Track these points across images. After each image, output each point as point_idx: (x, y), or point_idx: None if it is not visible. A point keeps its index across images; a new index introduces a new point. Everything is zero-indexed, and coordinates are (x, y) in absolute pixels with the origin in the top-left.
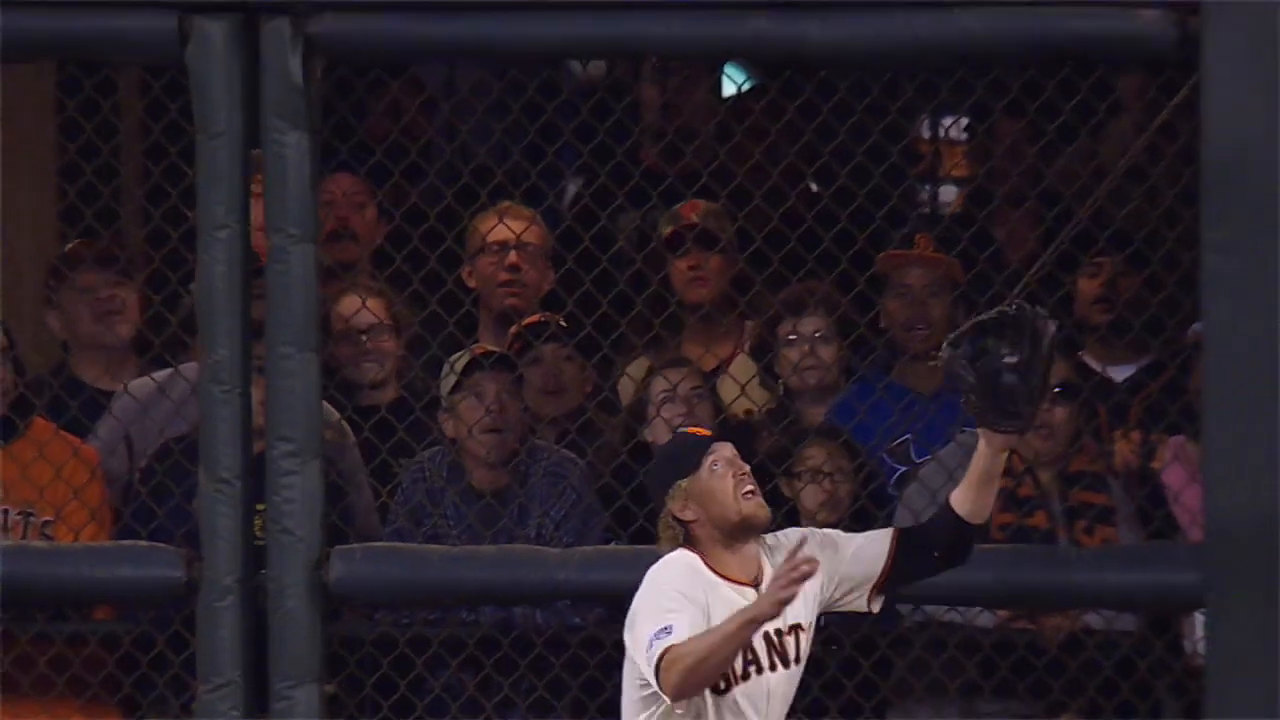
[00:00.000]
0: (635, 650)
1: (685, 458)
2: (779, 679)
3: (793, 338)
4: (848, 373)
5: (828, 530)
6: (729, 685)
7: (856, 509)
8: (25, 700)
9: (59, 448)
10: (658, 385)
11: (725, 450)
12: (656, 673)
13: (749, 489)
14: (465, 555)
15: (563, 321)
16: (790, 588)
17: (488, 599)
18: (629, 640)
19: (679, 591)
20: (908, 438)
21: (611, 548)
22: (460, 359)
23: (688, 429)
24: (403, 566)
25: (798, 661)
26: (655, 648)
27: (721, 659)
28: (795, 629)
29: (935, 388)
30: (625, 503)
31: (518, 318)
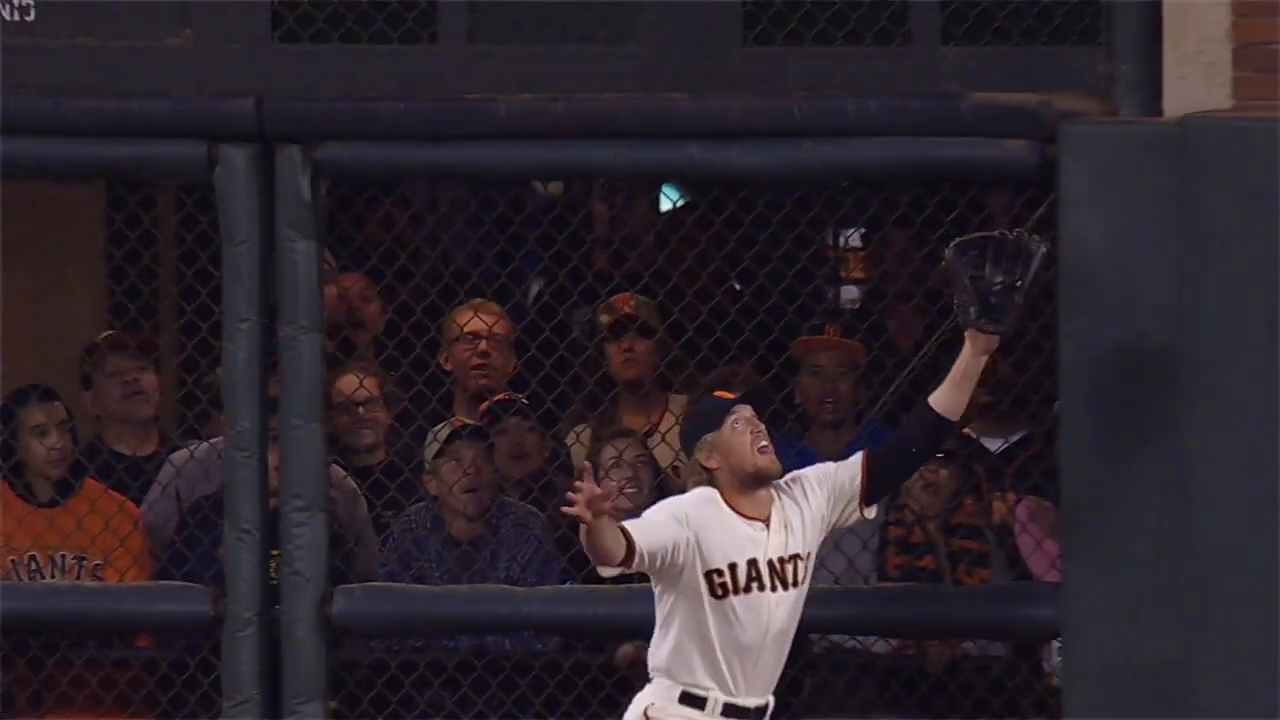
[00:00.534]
0: None
1: (712, 416)
2: (778, 599)
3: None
4: None
5: (821, 466)
6: (725, 593)
7: None
8: (79, 714)
9: (107, 504)
10: (607, 453)
11: (745, 411)
12: None
13: (764, 444)
14: (446, 593)
15: (525, 399)
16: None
17: (465, 630)
18: None
19: (673, 511)
20: None
21: (568, 587)
22: (442, 430)
23: (716, 393)
24: (394, 602)
25: (796, 585)
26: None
27: (589, 547)
28: (795, 558)
29: (839, 451)
30: (579, 549)
31: (488, 395)
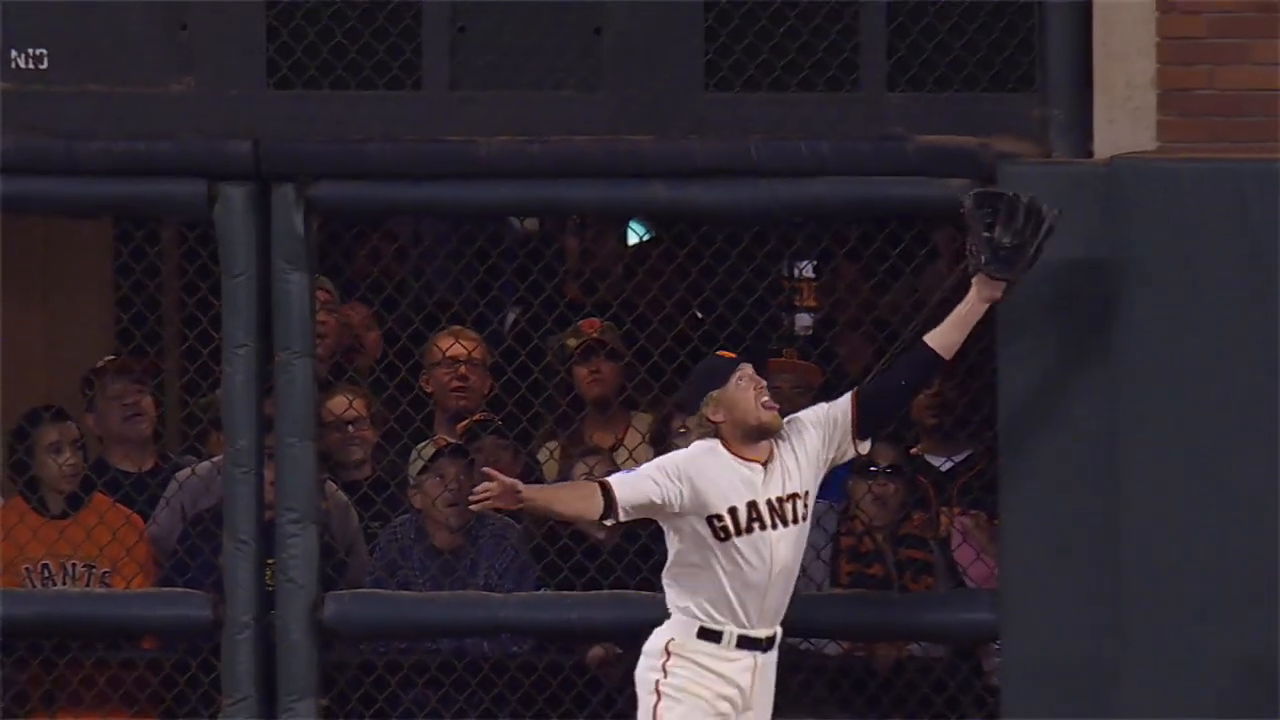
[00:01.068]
0: None
1: (718, 373)
2: (780, 535)
3: (683, 431)
4: None
5: (815, 407)
6: (729, 536)
7: None
8: (89, 712)
9: (115, 516)
10: (578, 469)
11: (749, 369)
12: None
13: (766, 399)
14: (429, 599)
15: (499, 419)
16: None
17: (446, 633)
18: None
19: (664, 465)
20: None
21: (542, 593)
22: (426, 447)
23: (720, 352)
24: (381, 608)
25: (796, 521)
26: (615, 475)
27: (557, 518)
28: (793, 496)
29: None
30: (553, 558)
31: (466, 415)
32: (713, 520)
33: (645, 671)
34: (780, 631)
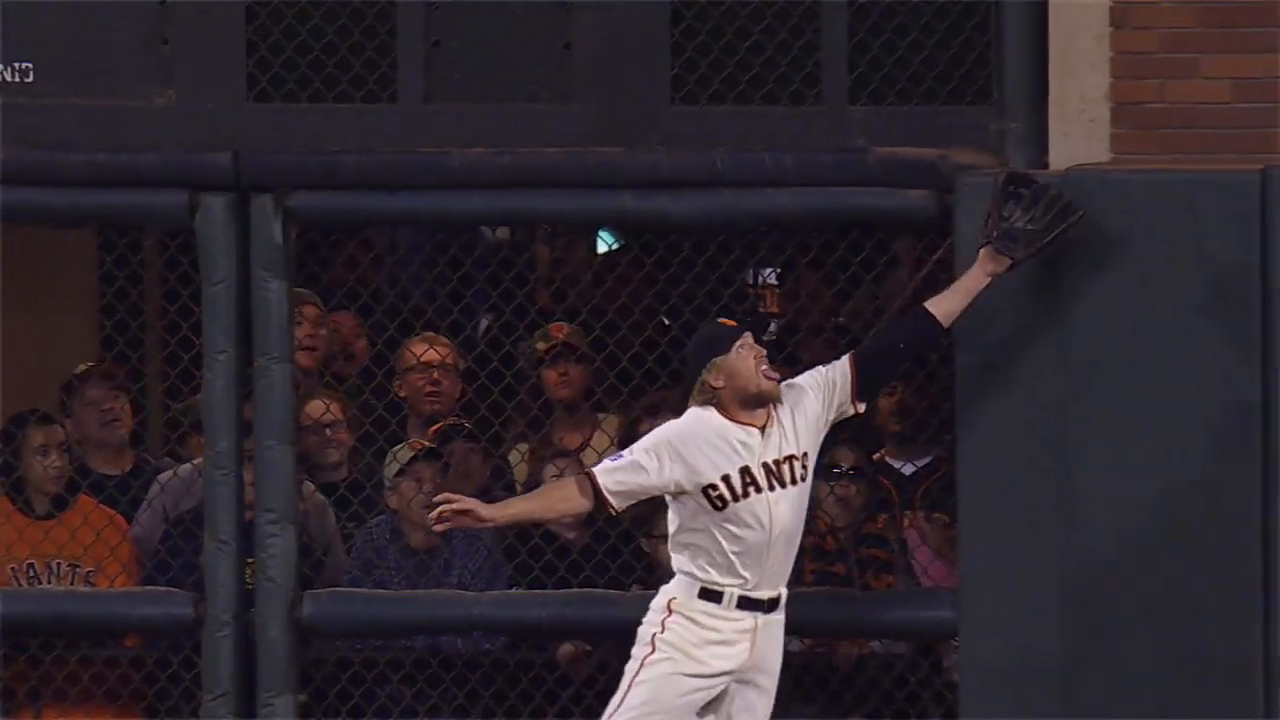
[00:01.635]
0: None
1: (719, 340)
2: (778, 496)
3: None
4: None
5: (814, 370)
6: (725, 504)
7: None
8: (73, 707)
9: (98, 517)
10: (548, 470)
11: (749, 337)
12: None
13: (766, 367)
14: (404, 597)
15: (469, 424)
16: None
17: (421, 630)
18: None
19: (659, 450)
20: None
21: (514, 591)
22: (402, 450)
23: (721, 320)
24: (357, 606)
25: (795, 482)
26: (601, 463)
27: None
28: (790, 458)
29: None
30: (524, 558)
31: (439, 419)
32: (708, 490)
33: (645, 626)
34: (785, 593)
